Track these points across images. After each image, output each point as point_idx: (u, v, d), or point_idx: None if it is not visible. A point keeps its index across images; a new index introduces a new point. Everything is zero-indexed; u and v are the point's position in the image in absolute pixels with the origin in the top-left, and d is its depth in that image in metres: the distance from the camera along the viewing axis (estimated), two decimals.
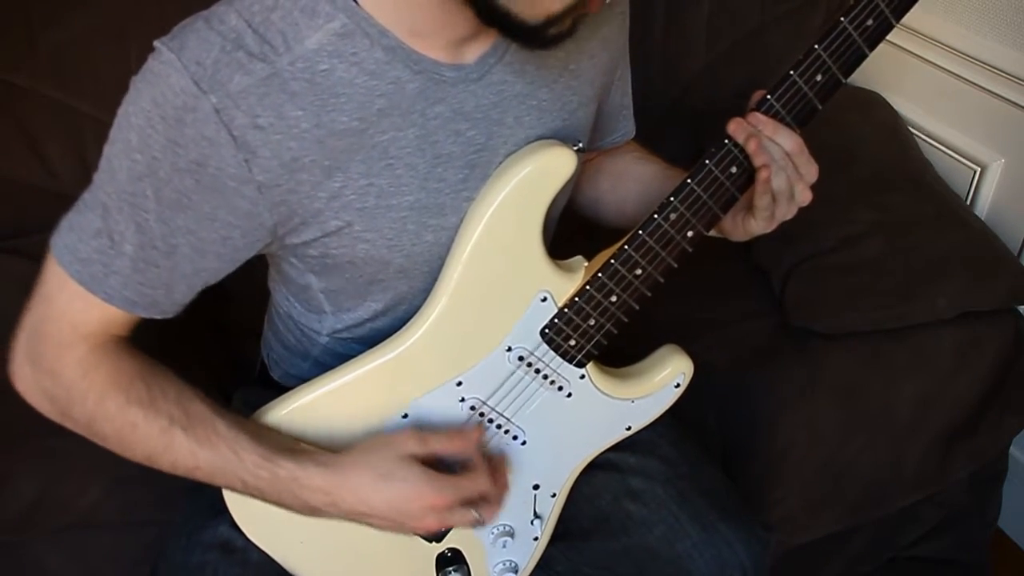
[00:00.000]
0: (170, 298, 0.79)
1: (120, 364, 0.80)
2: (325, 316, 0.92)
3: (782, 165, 0.80)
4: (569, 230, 1.03)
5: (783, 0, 1.70)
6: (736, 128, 0.80)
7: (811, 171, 0.82)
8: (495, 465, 0.90)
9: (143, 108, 0.71)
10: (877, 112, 1.69)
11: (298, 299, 0.94)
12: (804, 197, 0.84)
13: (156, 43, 0.72)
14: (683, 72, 1.70)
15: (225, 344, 1.36)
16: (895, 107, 1.71)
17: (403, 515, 0.83)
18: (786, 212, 0.84)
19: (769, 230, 0.87)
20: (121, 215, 0.75)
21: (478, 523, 0.86)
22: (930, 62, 1.66)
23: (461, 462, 0.87)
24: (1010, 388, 1.36)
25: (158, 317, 0.80)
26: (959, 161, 1.60)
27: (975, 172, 1.58)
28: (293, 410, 0.87)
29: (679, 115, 1.70)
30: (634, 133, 1.07)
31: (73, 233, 0.77)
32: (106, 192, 0.75)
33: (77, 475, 1.09)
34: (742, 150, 0.80)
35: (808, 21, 1.72)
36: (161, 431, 0.79)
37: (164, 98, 0.70)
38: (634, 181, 1.03)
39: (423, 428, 0.87)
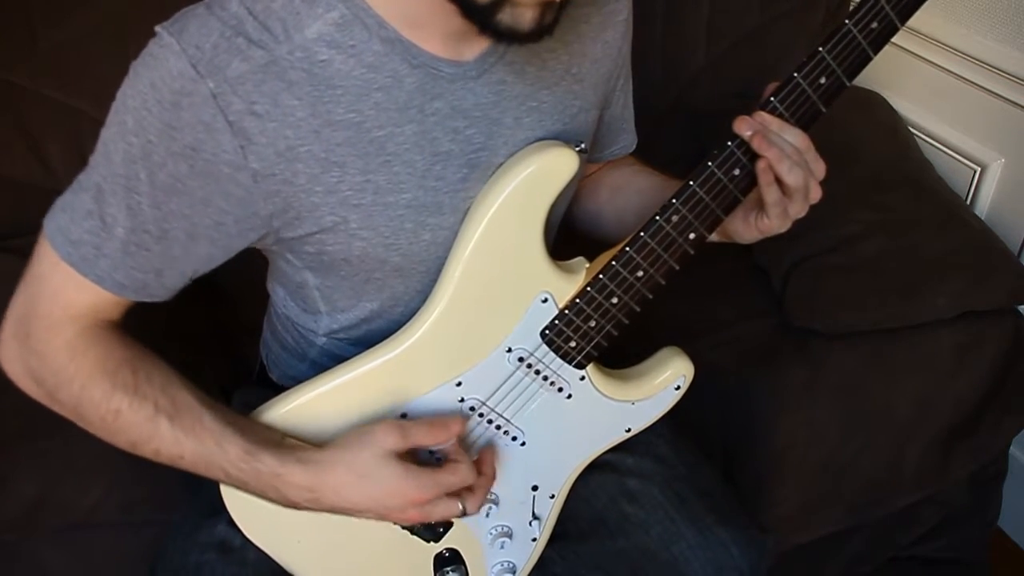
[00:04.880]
0: (160, 283, 0.79)
1: (109, 350, 0.80)
2: (321, 316, 0.92)
3: (796, 161, 0.79)
4: (571, 230, 1.03)
5: (783, 0, 1.70)
6: (741, 125, 0.79)
7: (820, 168, 0.82)
8: (483, 455, 0.89)
9: (140, 91, 0.72)
10: (877, 112, 1.69)
11: (294, 299, 0.94)
12: (816, 194, 0.83)
13: (157, 28, 0.72)
14: (683, 72, 1.70)
15: (225, 344, 1.36)
16: (895, 107, 1.71)
17: (385, 509, 0.83)
18: (800, 209, 0.83)
19: (785, 228, 0.85)
20: (114, 198, 0.74)
21: (463, 514, 0.85)
22: (930, 62, 1.66)
23: (445, 452, 0.86)
24: (1010, 388, 1.36)
25: (147, 301, 0.80)
26: (959, 161, 1.60)
27: (975, 172, 1.58)
28: (292, 409, 0.87)
29: (679, 115, 1.70)
30: (634, 146, 1.07)
31: (65, 214, 0.76)
32: (100, 174, 0.75)
33: (77, 475, 1.09)
34: (745, 152, 0.79)
35: (808, 21, 1.72)
36: (146, 419, 0.79)
37: (162, 81, 0.71)
38: (635, 192, 1.02)
39: (406, 418, 0.87)
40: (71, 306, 0.78)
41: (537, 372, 0.89)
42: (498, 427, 0.91)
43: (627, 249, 0.83)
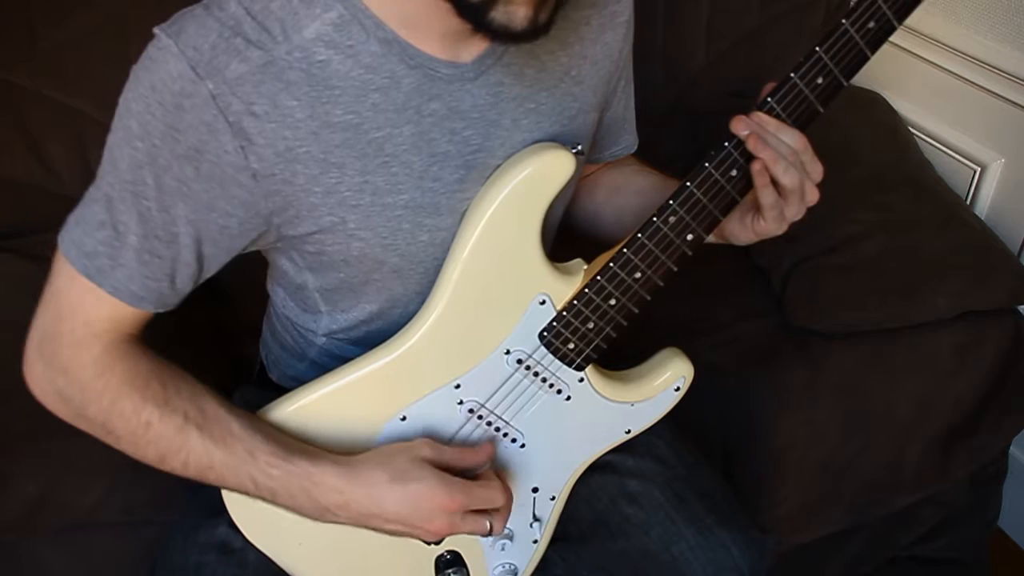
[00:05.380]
0: (173, 289, 0.79)
1: (135, 364, 0.80)
2: (320, 316, 0.92)
3: (792, 163, 0.79)
4: (569, 232, 1.03)
5: (783, 0, 1.70)
6: (738, 125, 0.78)
7: (817, 169, 0.81)
8: (501, 476, 0.89)
9: (142, 94, 0.72)
10: (877, 112, 1.69)
11: (294, 299, 0.94)
12: (812, 196, 0.82)
13: (155, 29, 0.72)
14: (683, 72, 1.70)
15: (225, 344, 1.36)
16: (895, 107, 1.71)
17: (414, 514, 0.82)
18: (796, 212, 0.83)
19: (781, 231, 0.85)
20: (124, 204, 0.75)
21: (488, 533, 0.85)
22: (930, 62, 1.66)
23: (472, 474, 0.87)
24: (1010, 388, 1.37)
25: (161, 311, 0.80)
26: (959, 161, 1.60)
27: (975, 172, 1.58)
28: (294, 411, 0.87)
29: (679, 115, 1.70)
30: (635, 147, 1.07)
31: (79, 227, 0.77)
32: (109, 183, 0.75)
33: (78, 475, 1.10)
34: (742, 152, 0.79)
35: (808, 21, 1.72)
36: (176, 430, 0.79)
37: (162, 84, 0.71)
38: (633, 193, 1.01)
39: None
40: (92, 322, 0.78)
41: (536, 374, 0.89)
42: (497, 429, 0.91)
43: (624, 251, 0.83)
